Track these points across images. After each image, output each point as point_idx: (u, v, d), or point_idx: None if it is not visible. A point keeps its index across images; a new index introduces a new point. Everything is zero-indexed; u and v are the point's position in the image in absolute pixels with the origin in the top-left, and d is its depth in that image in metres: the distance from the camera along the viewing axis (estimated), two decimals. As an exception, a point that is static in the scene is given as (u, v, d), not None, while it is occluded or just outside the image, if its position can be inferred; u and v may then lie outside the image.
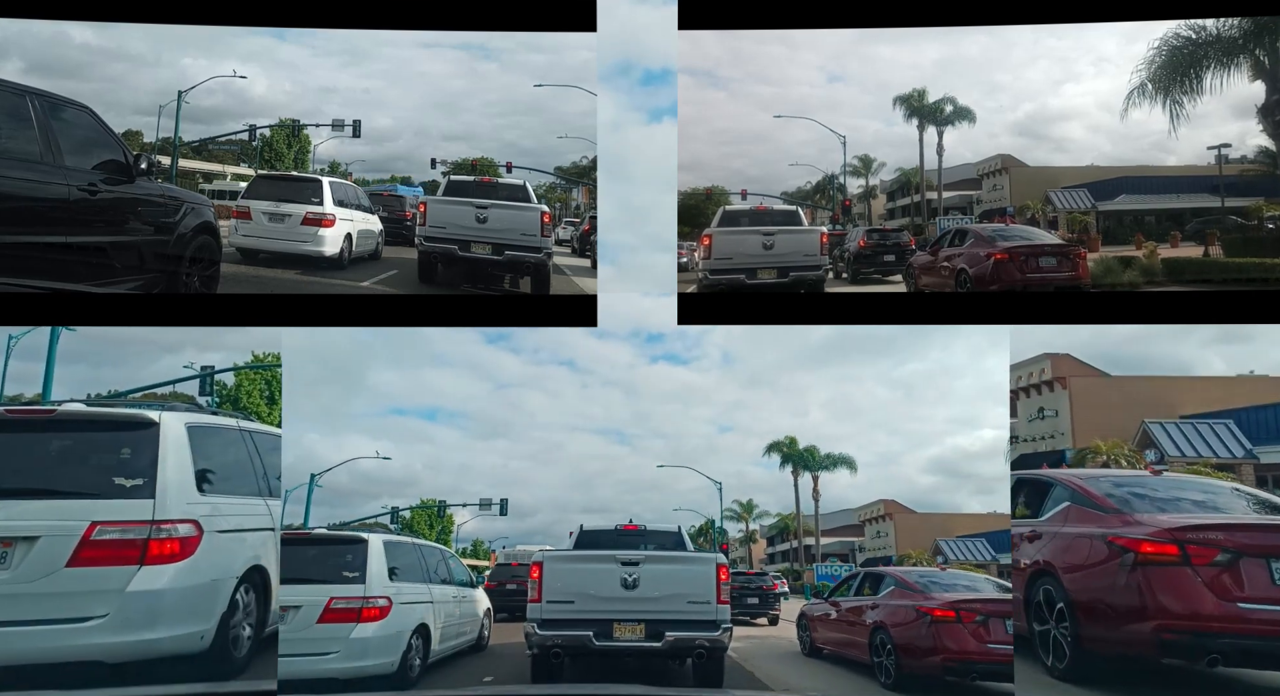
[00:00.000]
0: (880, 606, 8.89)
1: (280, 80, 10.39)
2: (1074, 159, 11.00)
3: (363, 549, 7.69)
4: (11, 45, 9.20)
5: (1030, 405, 11.25)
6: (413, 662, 7.72)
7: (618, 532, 9.88)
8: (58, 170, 7.63)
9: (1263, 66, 9.99)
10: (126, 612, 6.20)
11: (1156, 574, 6.82)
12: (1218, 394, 10.66)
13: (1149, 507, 7.38)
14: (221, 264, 9.35)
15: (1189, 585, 6.71)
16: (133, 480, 6.51)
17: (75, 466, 6.45)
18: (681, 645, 8.31)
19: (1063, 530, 7.64)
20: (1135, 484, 7.88)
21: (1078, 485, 7.83)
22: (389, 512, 11.66)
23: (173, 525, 6.53)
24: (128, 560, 6.29)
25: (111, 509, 6.37)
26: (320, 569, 7.47)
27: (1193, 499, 7.73)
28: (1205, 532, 6.86)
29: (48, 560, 6.09)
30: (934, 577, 9.15)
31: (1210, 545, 6.79)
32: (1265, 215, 10.27)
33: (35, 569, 6.06)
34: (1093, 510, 7.52)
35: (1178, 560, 6.78)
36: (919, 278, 11.29)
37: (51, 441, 6.62)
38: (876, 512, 12.69)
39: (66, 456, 6.53)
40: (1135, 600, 6.85)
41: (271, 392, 11.86)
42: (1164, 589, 6.77)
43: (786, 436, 12.11)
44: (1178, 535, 6.84)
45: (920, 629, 8.18)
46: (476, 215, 10.62)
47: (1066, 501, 7.80)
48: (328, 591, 7.27)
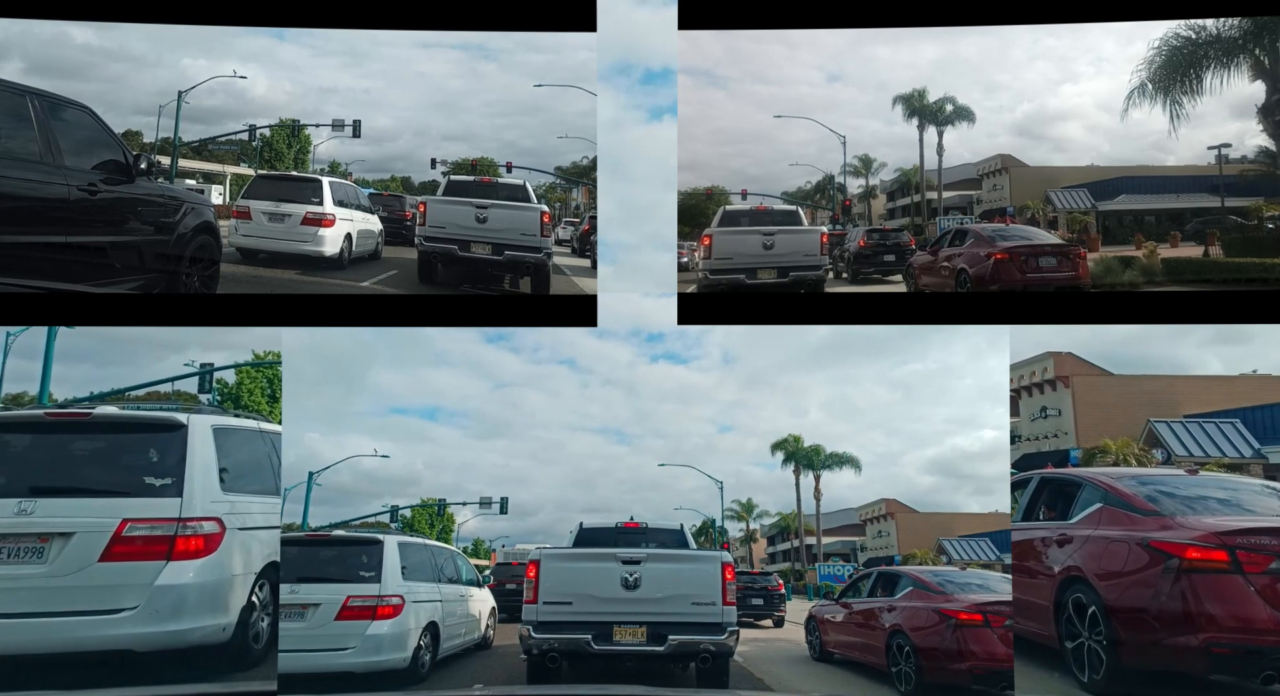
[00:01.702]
0: (898, 608, 8.40)
1: (280, 80, 10.42)
2: (1073, 159, 11.01)
3: (378, 549, 7.98)
4: (12, 45, 9.22)
5: (1032, 404, 11.24)
6: (423, 659, 8.00)
7: (618, 530, 9.78)
8: (58, 170, 7.63)
9: (1263, 66, 9.99)
10: (155, 605, 6.50)
11: (1204, 581, 6.31)
12: (1220, 393, 10.65)
13: (1182, 508, 6.93)
14: (221, 264, 9.34)
15: (1241, 594, 6.23)
16: (161, 479, 6.84)
17: (108, 466, 6.80)
18: (685, 649, 8.02)
19: (1095, 533, 7.13)
20: (1160, 482, 7.44)
21: (1111, 485, 7.35)
22: (389, 511, 11.68)
23: (198, 522, 6.83)
24: (156, 555, 6.61)
25: (141, 507, 6.68)
26: (337, 568, 7.81)
27: (1218, 497, 7.27)
28: (1257, 537, 6.35)
29: (82, 555, 6.40)
30: (951, 577, 8.76)
31: (1263, 551, 6.30)
32: (1265, 215, 10.26)
33: (70, 563, 6.37)
34: (1128, 512, 7.04)
35: (1227, 567, 6.30)
36: (919, 277, 11.28)
37: (86, 442, 6.97)
38: (878, 512, 12.69)
39: (100, 457, 6.87)
40: (1180, 609, 6.34)
41: (273, 391, 11.88)
42: (1213, 598, 6.26)
43: (791, 435, 12.13)
44: (1227, 540, 6.35)
45: (944, 633, 7.64)
46: (476, 215, 10.62)
47: (1099, 503, 7.32)
48: (345, 590, 7.59)
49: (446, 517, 12.12)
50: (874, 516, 12.76)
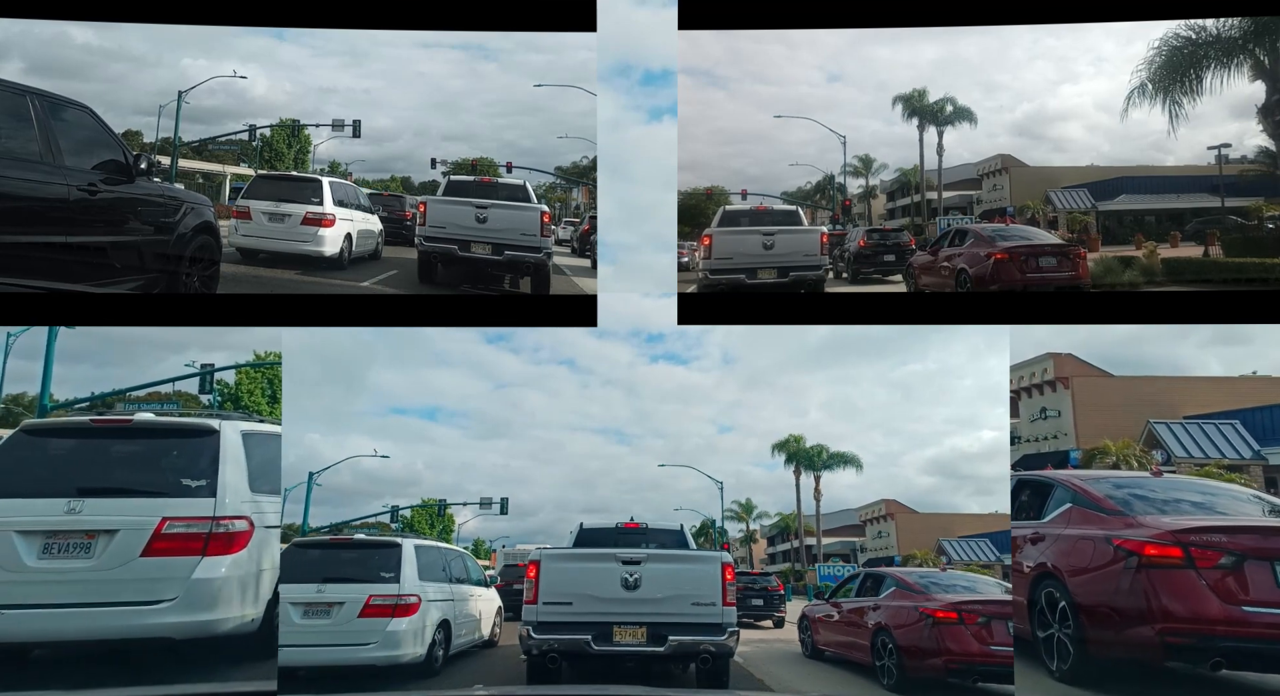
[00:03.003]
0: (882, 608, 8.78)
1: (280, 80, 10.42)
2: (1073, 159, 11.01)
3: (397, 552, 8.52)
4: (12, 45, 9.22)
5: (1032, 405, 11.24)
6: (436, 654, 8.50)
7: (618, 531, 9.78)
8: (58, 170, 7.64)
9: (1263, 66, 9.99)
10: (191, 597, 7.04)
11: (1160, 576, 6.78)
12: (1220, 394, 10.65)
13: (1151, 509, 7.34)
14: (221, 264, 9.35)
15: (1193, 588, 6.67)
16: (196, 481, 7.38)
17: (147, 469, 7.39)
18: (685, 650, 8.03)
19: (1065, 532, 7.58)
20: (1136, 485, 7.84)
21: (1079, 487, 7.78)
22: (389, 511, 11.69)
23: (230, 521, 7.36)
24: (192, 551, 7.17)
25: (178, 506, 7.21)
26: (360, 569, 8.39)
27: (1193, 500, 7.68)
28: (1209, 535, 6.82)
29: (125, 550, 6.98)
30: (934, 578, 9.11)
31: (1214, 548, 6.75)
32: (1265, 215, 10.26)
33: (115, 558, 6.96)
34: (1095, 512, 7.47)
35: (1182, 563, 6.74)
36: (919, 277, 11.28)
37: (127, 447, 7.60)
38: (878, 512, 12.68)
39: (140, 460, 7.47)
40: (1139, 603, 6.80)
41: (273, 391, 11.88)
42: (1168, 591, 6.73)
43: (792, 435, 12.13)
44: (1181, 537, 6.81)
45: (922, 630, 8.11)
46: (476, 215, 10.62)
47: (1069, 503, 7.75)
48: (367, 589, 8.14)
49: (447, 518, 12.13)
50: (874, 517, 12.76)
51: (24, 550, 6.87)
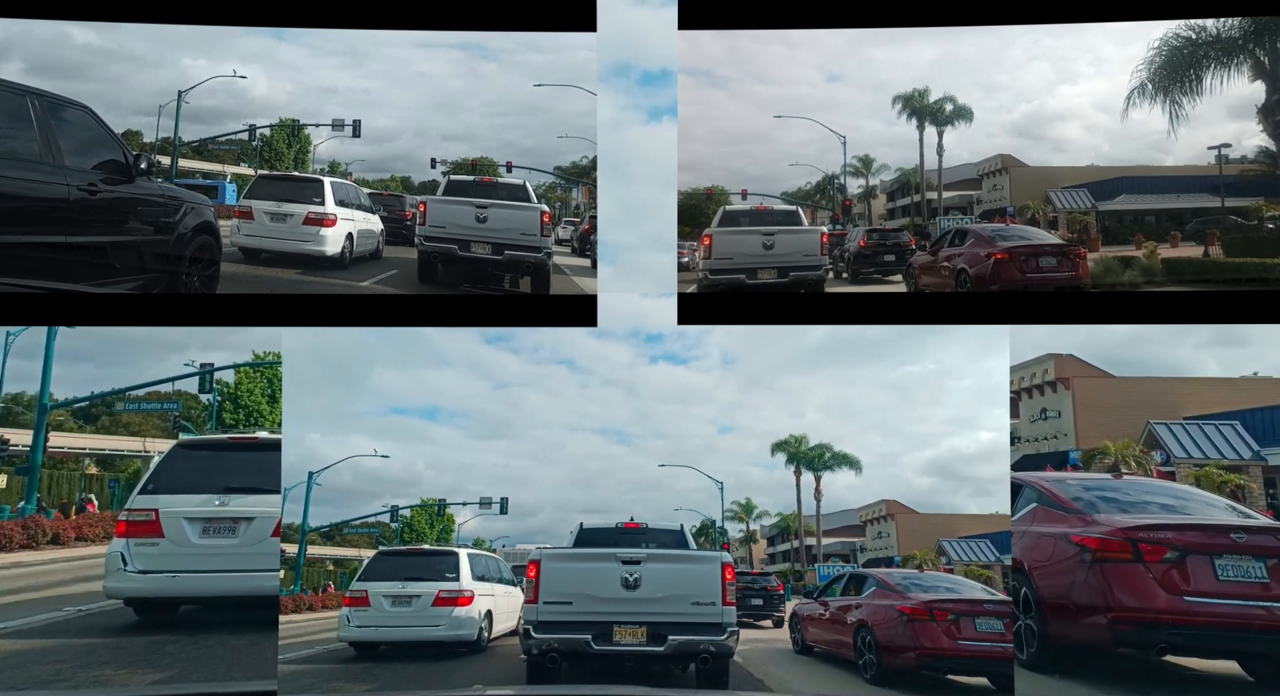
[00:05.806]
0: (863, 606, 9.22)
1: (280, 80, 10.43)
2: (1073, 159, 11.00)
3: (457, 558, 10.49)
4: (13, 45, 9.23)
5: (1032, 406, 11.25)
6: (484, 635, 10.31)
7: (618, 531, 9.80)
8: (58, 170, 7.65)
9: (1263, 66, 9.99)
10: None
11: (1112, 570, 7.30)
12: (1220, 395, 10.66)
13: (1111, 509, 7.82)
14: (222, 263, 9.36)
15: (1141, 580, 7.21)
16: None
17: (270, 473, 9.05)
18: (685, 649, 8.06)
19: (1030, 529, 8.08)
20: (1103, 488, 8.31)
21: (1044, 487, 8.28)
22: (389, 511, 11.70)
23: None
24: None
25: None
26: (430, 570, 10.37)
27: (1160, 502, 8.13)
28: (1156, 532, 7.37)
29: (260, 532, 8.93)
30: (916, 579, 9.64)
31: (1161, 543, 7.29)
32: (1265, 215, 10.26)
33: (253, 538, 8.92)
34: (1058, 511, 7.97)
35: (1130, 557, 7.28)
36: (919, 277, 11.28)
37: (254, 456, 9.41)
38: (878, 513, 12.70)
39: (264, 466, 9.11)
40: (1093, 595, 7.33)
41: (273, 391, 11.89)
42: (1118, 584, 7.25)
43: (793, 435, 12.14)
44: (1131, 534, 7.34)
45: (898, 627, 8.58)
46: (476, 215, 10.62)
47: (1034, 503, 8.22)
48: (436, 586, 10.14)
49: (446, 518, 12.15)
50: (874, 517, 12.77)
51: (190, 532, 8.91)
